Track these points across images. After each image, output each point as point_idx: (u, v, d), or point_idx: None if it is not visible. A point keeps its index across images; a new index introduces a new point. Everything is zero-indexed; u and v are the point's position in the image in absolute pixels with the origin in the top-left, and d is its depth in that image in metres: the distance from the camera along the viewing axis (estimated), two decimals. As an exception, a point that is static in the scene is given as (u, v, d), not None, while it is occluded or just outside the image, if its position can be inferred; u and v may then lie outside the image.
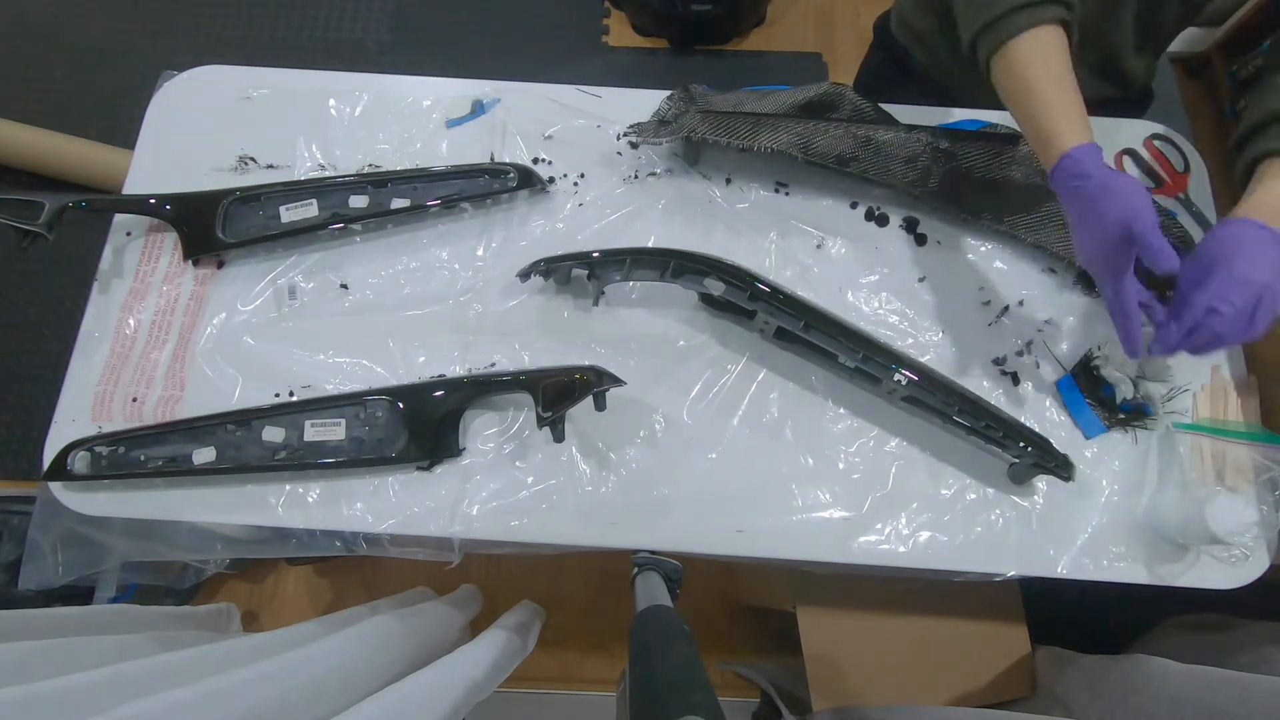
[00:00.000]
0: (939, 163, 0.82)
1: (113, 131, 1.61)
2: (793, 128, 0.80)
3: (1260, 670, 0.66)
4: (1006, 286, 0.83)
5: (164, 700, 0.54)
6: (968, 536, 0.74)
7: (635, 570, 0.80)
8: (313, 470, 0.74)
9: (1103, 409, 0.78)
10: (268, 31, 1.87)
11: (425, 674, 0.77)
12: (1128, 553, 0.74)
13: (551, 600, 1.38)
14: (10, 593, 1.22)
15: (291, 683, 0.66)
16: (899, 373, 0.71)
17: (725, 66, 1.88)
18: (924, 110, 0.89)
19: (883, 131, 0.81)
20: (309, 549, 0.83)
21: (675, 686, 0.53)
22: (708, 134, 0.80)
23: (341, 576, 1.48)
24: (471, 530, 0.73)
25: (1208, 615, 0.91)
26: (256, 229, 0.82)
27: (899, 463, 0.76)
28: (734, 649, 1.41)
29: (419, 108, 0.89)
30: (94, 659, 0.71)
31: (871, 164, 0.81)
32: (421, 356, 0.79)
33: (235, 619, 1.31)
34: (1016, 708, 0.91)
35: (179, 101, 0.90)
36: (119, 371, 0.78)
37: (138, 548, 0.82)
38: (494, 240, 0.84)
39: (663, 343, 0.80)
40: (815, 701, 0.93)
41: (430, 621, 1.01)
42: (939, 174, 0.82)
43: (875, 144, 0.81)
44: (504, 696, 1.26)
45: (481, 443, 0.76)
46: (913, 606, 0.95)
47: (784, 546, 0.74)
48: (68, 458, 0.72)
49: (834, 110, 0.85)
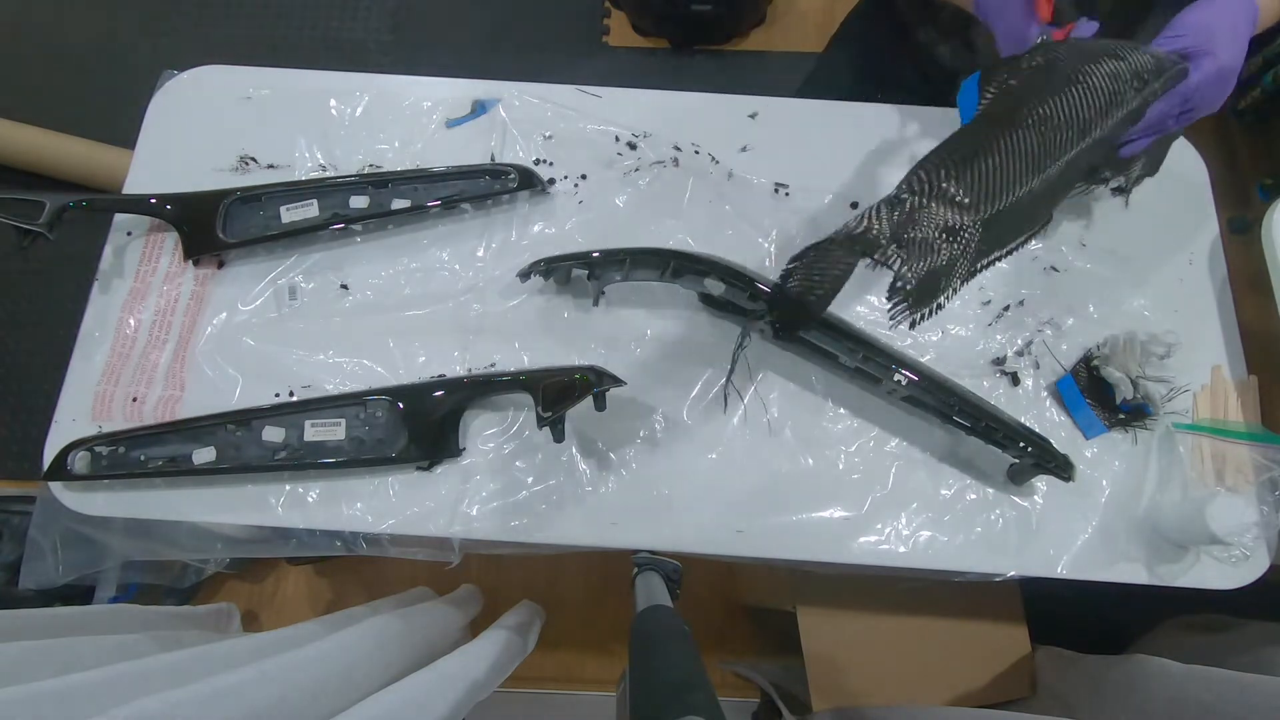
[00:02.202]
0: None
1: (113, 131, 1.61)
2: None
3: (1260, 670, 0.66)
4: (1006, 286, 0.83)
5: (164, 700, 0.54)
6: (968, 536, 0.74)
7: (635, 570, 0.80)
8: (313, 470, 0.74)
9: (1103, 409, 0.78)
10: (268, 31, 1.87)
11: (425, 674, 0.77)
12: (1127, 553, 0.74)
13: (551, 600, 1.38)
14: (10, 593, 1.22)
15: (291, 683, 0.66)
16: (899, 373, 0.71)
17: (725, 66, 1.88)
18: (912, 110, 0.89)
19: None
20: (309, 549, 0.83)
21: (675, 686, 0.53)
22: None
23: (341, 576, 1.48)
24: (471, 530, 0.73)
25: (1208, 615, 0.91)
26: (257, 229, 0.82)
27: (899, 463, 0.76)
28: (734, 649, 1.41)
29: (419, 108, 0.89)
30: (94, 659, 0.71)
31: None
32: (422, 356, 0.79)
33: (235, 619, 1.31)
34: (1016, 708, 0.91)
35: (179, 101, 0.90)
36: (119, 371, 0.78)
37: (138, 547, 0.82)
38: (494, 241, 0.84)
39: (663, 343, 0.80)
40: (815, 701, 0.93)
41: (430, 621, 1.01)
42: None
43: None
44: (504, 696, 1.26)
45: (481, 443, 0.76)
46: (913, 606, 0.95)
47: (784, 546, 0.74)
48: (68, 458, 0.72)
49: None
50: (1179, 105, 0.68)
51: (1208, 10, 0.66)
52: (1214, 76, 0.66)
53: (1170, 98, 0.67)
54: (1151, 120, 0.68)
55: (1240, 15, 0.66)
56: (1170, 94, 0.66)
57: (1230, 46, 0.65)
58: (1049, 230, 0.83)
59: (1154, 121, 0.69)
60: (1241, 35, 0.66)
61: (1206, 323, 0.83)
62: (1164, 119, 0.69)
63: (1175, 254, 0.86)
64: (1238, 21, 0.66)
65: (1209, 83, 0.66)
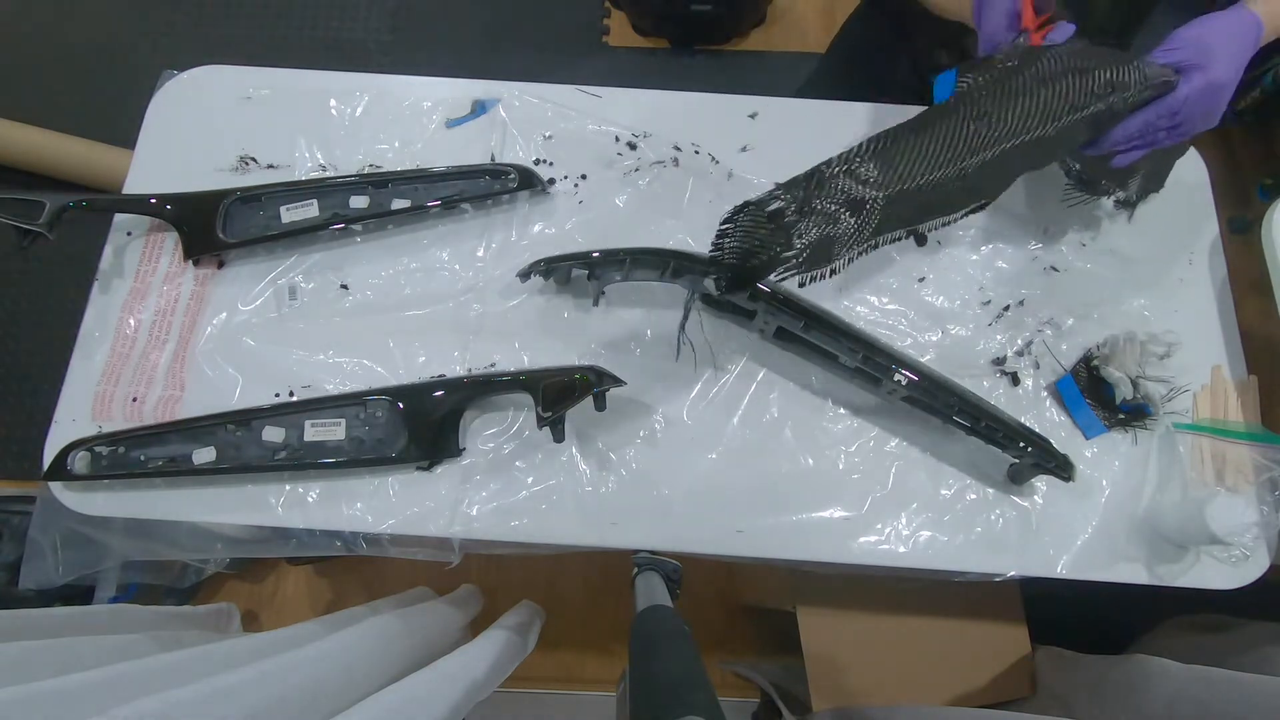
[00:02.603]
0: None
1: (113, 131, 1.61)
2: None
3: (1260, 670, 0.66)
4: (1006, 286, 0.83)
5: (164, 700, 0.54)
6: (968, 536, 0.74)
7: (635, 570, 0.80)
8: (313, 470, 0.74)
9: (1103, 409, 0.78)
10: (268, 31, 1.87)
11: (425, 674, 0.77)
12: (1128, 553, 0.74)
13: (551, 600, 1.38)
14: (10, 593, 1.22)
15: (291, 683, 0.66)
16: (899, 373, 0.71)
17: (725, 66, 1.88)
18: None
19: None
20: (309, 549, 0.83)
21: (675, 686, 0.53)
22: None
23: (341, 576, 1.48)
24: (471, 530, 0.73)
25: (1208, 615, 0.91)
26: (257, 229, 0.82)
27: (899, 463, 0.76)
28: (734, 649, 1.41)
29: (419, 108, 0.89)
30: (94, 659, 0.71)
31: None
32: (422, 356, 0.79)
33: (235, 619, 1.31)
34: (1016, 708, 0.91)
35: (179, 101, 0.90)
36: (119, 371, 0.78)
37: (138, 547, 0.82)
38: (494, 241, 0.84)
39: (663, 343, 0.80)
40: (815, 701, 0.93)
41: (430, 621, 1.01)
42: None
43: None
44: (504, 696, 1.26)
45: (481, 443, 0.76)
46: (913, 606, 0.95)
47: (784, 546, 0.74)
48: (68, 458, 0.72)
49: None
50: (1168, 118, 0.68)
51: (1206, 26, 0.67)
52: (1203, 90, 0.66)
53: (1157, 107, 0.67)
54: (1136, 130, 0.68)
55: (1239, 33, 0.66)
56: (1157, 104, 0.67)
57: (1225, 63, 0.66)
58: (995, 210, 0.79)
59: (1140, 131, 0.69)
60: (1239, 53, 0.66)
61: (1206, 323, 0.83)
62: (1151, 129, 0.69)
63: (1175, 254, 0.86)
64: (1236, 39, 0.66)
65: (1197, 96, 0.66)
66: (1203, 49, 0.66)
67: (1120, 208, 0.85)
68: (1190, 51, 0.66)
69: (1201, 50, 0.66)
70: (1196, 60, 0.66)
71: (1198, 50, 0.66)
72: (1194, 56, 0.66)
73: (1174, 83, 0.67)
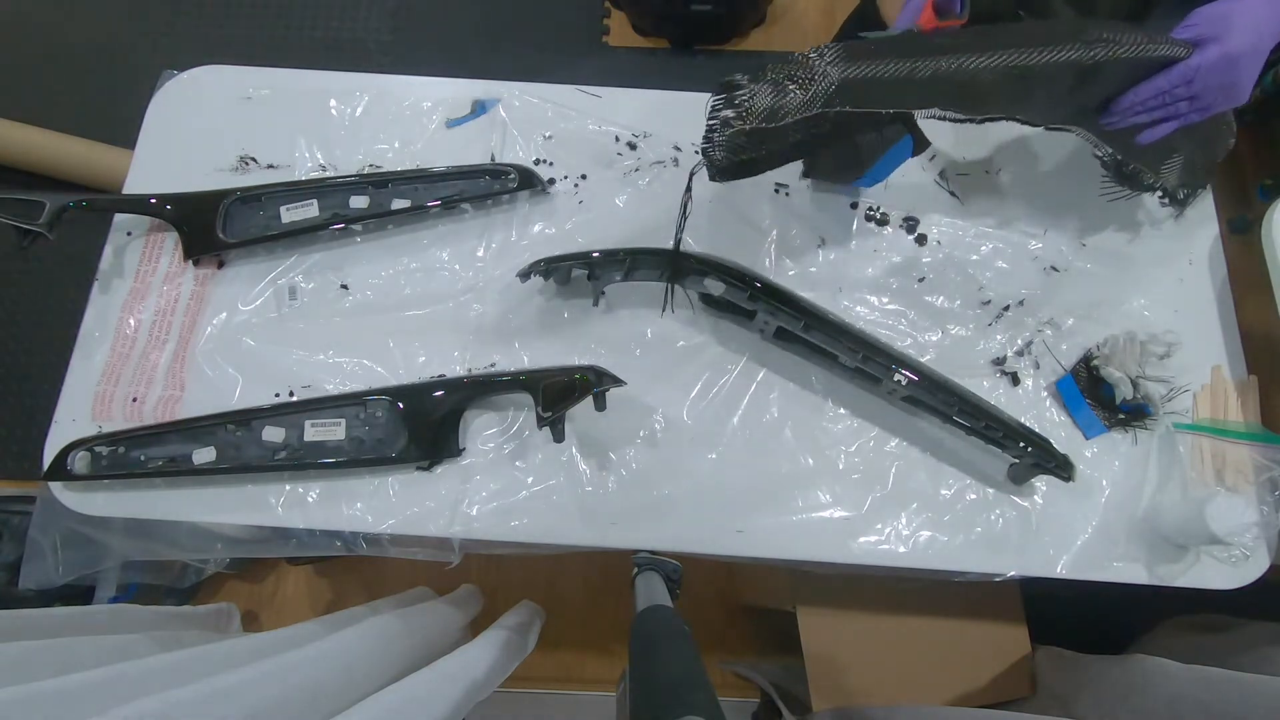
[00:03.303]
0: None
1: (113, 131, 1.61)
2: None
3: (1260, 670, 0.66)
4: (1006, 286, 0.83)
5: (164, 700, 0.54)
6: (968, 536, 0.74)
7: (635, 570, 0.80)
8: (313, 470, 0.74)
9: (1103, 409, 0.78)
10: (268, 31, 1.87)
11: (425, 674, 0.77)
12: (1128, 553, 0.74)
13: (551, 600, 1.38)
14: (10, 593, 1.22)
15: (291, 683, 0.66)
16: (899, 373, 0.71)
17: (725, 66, 1.88)
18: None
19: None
20: (309, 549, 0.83)
21: (675, 686, 0.53)
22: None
23: (341, 576, 1.48)
24: (471, 530, 0.73)
25: (1208, 615, 0.91)
26: (257, 229, 0.82)
27: (899, 463, 0.76)
28: (734, 649, 1.41)
29: (419, 108, 0.89)
30: (94, 659, 0.71)
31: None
32: (422, 356, 0.79)
33: (235, 619, 1.30)
34: (1016, 708, 0.91)
35: (179, 101, 0.90)
36: (119, 371, 0.78)
37: (138, 547, 0.82)
38: (494, 241, 0.84)
39: (663, 343, 0.80)
40: (815, 701, 0.93)
41: (430, 621, 1.01)
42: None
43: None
44: (504, 696, 1.26)
45: (481, 443, 0.76)
46: (913, 606, 0.95)
47: (784, 546, 0.74)
48: (68, 458, 0.72)
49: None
50: (1184, 88, 0.67)
51: (1228, 3, 0.66)
52: (1218, 61, 0.65)
53: (1169, 75, 0.67)
54: (1148, 96, 0.68)
55: (1265, 10, 0.65)
56: (1168, 71, 0.67)
57: (1244, 35, 0.65)
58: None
59: (1153, 98, 0.68)
60: (1264, 29, 0.65)
61: (1206, 323, 0.83)
62: (1168, 100, 0.68)
63: (1175, 254, 0.86)
64: (1261, 15, 0.65)
65: (1210, 66, 0.65)
66: (1220, 21, 0.65)
67: (1165, 203, 0.84)
68: (1206, 26, 0.66)
69: (1219, 23, 0.65)
70: (1213, 33, 0.65)
71: (1215, 23, 0.66)
72: (1211, 30, 0.66)
73: (1185, 47, 0.66)
